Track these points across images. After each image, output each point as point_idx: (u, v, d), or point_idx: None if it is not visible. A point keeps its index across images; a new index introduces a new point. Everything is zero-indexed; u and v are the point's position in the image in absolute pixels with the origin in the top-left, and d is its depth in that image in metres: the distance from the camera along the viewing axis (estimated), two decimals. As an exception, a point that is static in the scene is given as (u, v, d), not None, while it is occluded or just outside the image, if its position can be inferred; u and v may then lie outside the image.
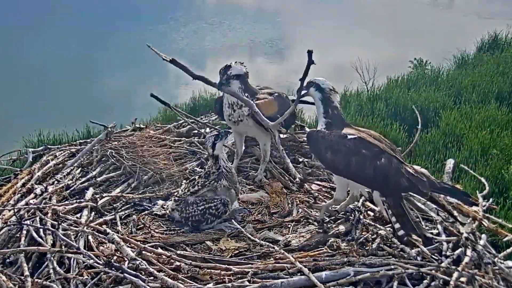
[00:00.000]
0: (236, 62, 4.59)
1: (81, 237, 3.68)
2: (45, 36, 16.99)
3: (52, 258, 3.47)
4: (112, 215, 4.12)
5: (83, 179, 4.62)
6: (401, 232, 3.66)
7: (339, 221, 4.17)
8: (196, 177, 4.25)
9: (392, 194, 3.71)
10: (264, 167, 4.85)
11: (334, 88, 3.97)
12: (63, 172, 4.69)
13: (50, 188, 4.32)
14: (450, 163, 4.89)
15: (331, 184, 4.69)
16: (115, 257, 3.43)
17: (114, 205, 4.32)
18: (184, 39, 17.59)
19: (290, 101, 4.80)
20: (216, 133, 4.18)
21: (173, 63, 4.42)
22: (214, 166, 4.13)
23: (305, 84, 4.00)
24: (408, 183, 3.63)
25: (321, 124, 3.94)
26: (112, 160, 4.86)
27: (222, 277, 3.31)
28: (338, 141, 3.75)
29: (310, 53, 3.90)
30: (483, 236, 3.91)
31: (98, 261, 3.36)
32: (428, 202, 4.30)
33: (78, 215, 4.04)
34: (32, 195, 4.20)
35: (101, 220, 4.02)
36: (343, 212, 4.24)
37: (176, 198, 4.20)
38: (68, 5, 21.30)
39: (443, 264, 3.48)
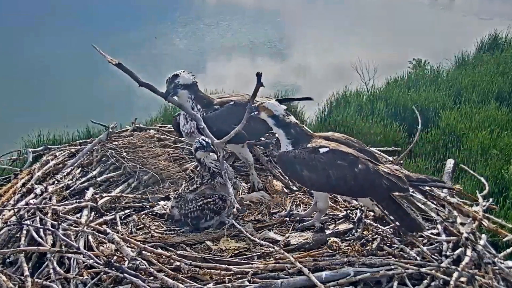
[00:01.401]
0: (184, 71, 4.37)
1: (81, 237, 3.68)
2: (45, 36, 17.00)
3: (52, 258, 3.47)
4: (112, 215, 4.12)
5: (83, 179, 4.62)
6: (403, 231, 3.72)
7: (339, 220, 4.19)
8: (195, 176, 4.26)
9: (381, 197, 3.70)
10: (253, 170, 4.67)
11: (287, 112, 3.88)
12: (63, 172, 4.69)
13: (50, 188, 4.32)
14: (450, 163, 4.89)
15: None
16: (115, 257, 3.44)
17: (114, 204, 4.33)
18: (182, 40, 17.59)
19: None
20: (204, 143, 4.07)
21: (119, 67, 4.22)
22: (202, 169, 4.16)
23: (255, 104, 3.89)
24: (388, 183, 3.65)
25: (285, 145, 3.84)
26: (112, 160, 4.86)
27: (222, 277, 3.31)
28: (311, 158, 3.69)
29: (259, 76, 3.83)
30: (483, 236, 3.91)
31: (98, 261, 3.36)
32: (428, 202, 4.31)
33: (78, 215, 4.04)
34: (32, 195, 4.20)
35: (101, 220, 4.02)
36: (344, 213, 4.26)
37: (176, 195, 4.22)
38: (68, 5, 21.32)
39: (443, 264, 3.48)
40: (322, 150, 3.70)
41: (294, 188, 4.75)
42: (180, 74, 4.33)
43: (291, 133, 3.82)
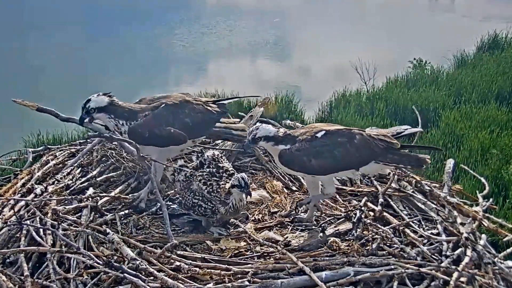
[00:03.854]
0: (98, 95, 4.17)
1: (81, 237, 3.68)
2: (46, 36, 17.00)
3: (52, 258, 3.47)
4: (112, 215, 4.11)
5: (83, 179, 4.62)
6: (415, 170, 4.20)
7: (339, 220, 4.19)
8: (213, 180, 4.17)
9: (382, 155, 3.88)
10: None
11: (277, 128, 3.94)
12: (63, 172, 4.68)
13: (50, 188, 4.32)
14: (450, 163, 4.89)
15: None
16: (115, 257, 3.44)
17: (114, 203, 4.33)
18: (181, 40, 17.59)
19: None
20: (242, 183, 3.91)
21: (39, 111, 4.28)
22: (226, 197, 4.06)
23: (249, 138, 3.86)
24: (383, 143, 3.86)
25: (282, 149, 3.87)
26: (112, 160, 4.86)
27: (222, 277, 3.32)
28: (314, 145, 3.79)
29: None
30: (483, 236, 3.92)
31: (98, 261, 3.36)
32: (428, 202, 4.32)
33: (78, 215, 4.04)
34: (32, 195, 4.20)
35: (101, 220, 4.02)
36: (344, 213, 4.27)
37: (189, 174, 4.22)
38: (69, 6, 21.33)
39: (443, 264, 3.48)
40: (319, 134, 3.84)
41: (294, 188, 4.75)
42: (92, 98, 4.15)
43: (286, 141, 3.86)
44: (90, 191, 4.38)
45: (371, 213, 4.19)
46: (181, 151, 4.52)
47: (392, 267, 3.42)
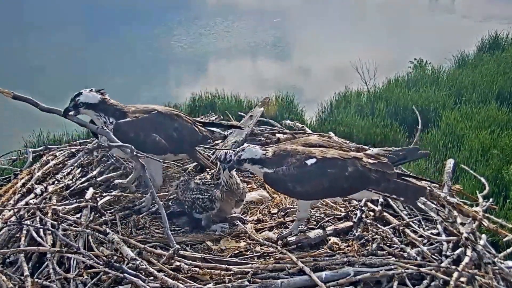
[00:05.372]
0: (91, 90, 4.11)
1: (81, 237, 3.69)
2: (46, 36, 17.01)
3: (52, 258, 3.48)
4: (112, 215, 4.11)
5: (83, 179, 4.62)
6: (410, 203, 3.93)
7: (339, 220, 4.19)
8: (208, 175, 4.26)
9: (374, 186, 3.71)
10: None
11: (264, 149, 3.85)
12: (63, 172, 4.68)
13: (50, 188, 4.32)
14: (450, 163, 4.90)
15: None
16: (115, 257, 3.44)
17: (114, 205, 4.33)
18: (181, 41, 17.59)
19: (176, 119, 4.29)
20: (223, 157, 3.97)
21: (16, 98, 4.17)
22: (216, 175, 4.15)
23: (234, 159, 3.81)
24: (377, 174, 3.67)
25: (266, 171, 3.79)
26: (112, 160, 4.86)
27: (222, 277, 3.32)
28: (301, 172, 3.64)
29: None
30: (483, 236, 3.92)
31: (98, 261, 3.36)
32: (428, 202, 4.32)
33: (78, 215, 4.04)
34: (32, 195, 4.20)
35: (101, 220, 4.02)
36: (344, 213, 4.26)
37: (184, 180, 4.29)
38: (69, 6, 21.34)
39: (443, 264, 3.49)
40: (309, 162, 3.66)
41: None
42: (83, 92, 4.07)
43: (273, 163, 3.75)
44: (90, 191, 4.38)
45: (371, 213, 4.20)
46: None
47: (392, 267, 3.42)
